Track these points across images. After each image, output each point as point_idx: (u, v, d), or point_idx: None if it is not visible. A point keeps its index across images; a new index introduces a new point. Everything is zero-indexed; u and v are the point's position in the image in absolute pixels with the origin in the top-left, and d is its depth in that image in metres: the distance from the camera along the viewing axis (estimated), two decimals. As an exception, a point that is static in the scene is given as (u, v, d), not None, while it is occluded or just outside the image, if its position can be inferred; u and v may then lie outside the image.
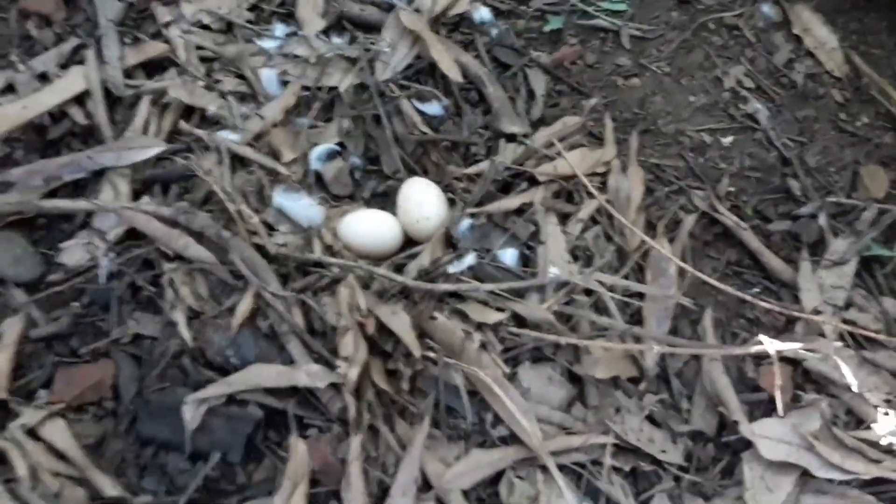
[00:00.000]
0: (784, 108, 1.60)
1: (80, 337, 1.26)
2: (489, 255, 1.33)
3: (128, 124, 1.41)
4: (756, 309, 1.37)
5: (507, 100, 1.50)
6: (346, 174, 1.40)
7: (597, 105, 1.55)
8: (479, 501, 1.20)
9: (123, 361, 1.23)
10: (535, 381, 1.26)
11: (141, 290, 1.28)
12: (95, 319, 1.27)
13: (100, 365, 1.22)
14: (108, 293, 1.28)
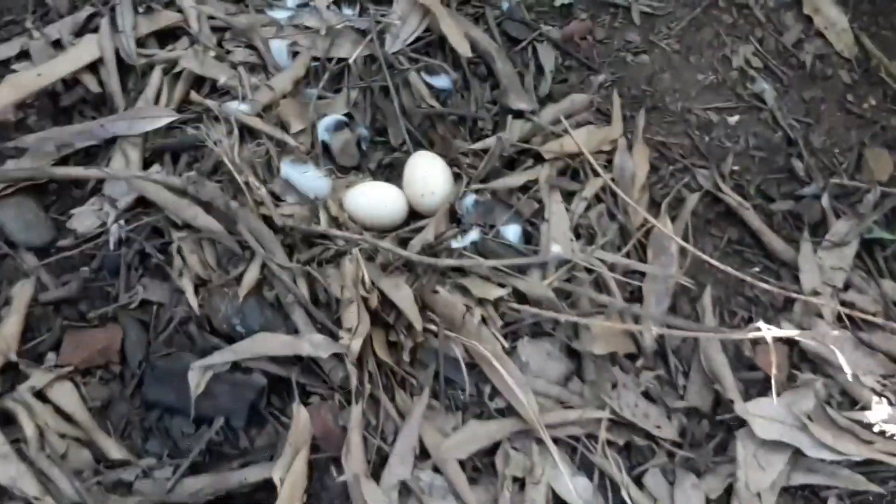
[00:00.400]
0: (791, 88, 1.59)
1: (88, 301, 1.28)
2: (492, 231, 1.34)
3: (140, 93, 1.42)
4: (755, 288, 1.37)
5: (515, 75, 1.50)
6: (354, 145, 1.41)
7: (605, 81, 1.55)
8: (475, 471, 1.21)
9: (131, 326, 1.25)
10: (533, 355, 1.27)
11: (149, 258, 1.30)
12: (104, 285, 1.29)
13: (107, 329, 1.24)
14: (117, 259, 1.29)
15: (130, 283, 1.28)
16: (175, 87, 1.42)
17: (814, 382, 1.29)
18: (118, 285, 1.28)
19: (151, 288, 1.27)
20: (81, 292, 1.28)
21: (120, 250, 1.30)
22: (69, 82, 1.42)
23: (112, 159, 1.36)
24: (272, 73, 1.45)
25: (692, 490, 1.22)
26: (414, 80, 1.47)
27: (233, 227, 1.28)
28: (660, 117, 1.54)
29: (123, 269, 1.29)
